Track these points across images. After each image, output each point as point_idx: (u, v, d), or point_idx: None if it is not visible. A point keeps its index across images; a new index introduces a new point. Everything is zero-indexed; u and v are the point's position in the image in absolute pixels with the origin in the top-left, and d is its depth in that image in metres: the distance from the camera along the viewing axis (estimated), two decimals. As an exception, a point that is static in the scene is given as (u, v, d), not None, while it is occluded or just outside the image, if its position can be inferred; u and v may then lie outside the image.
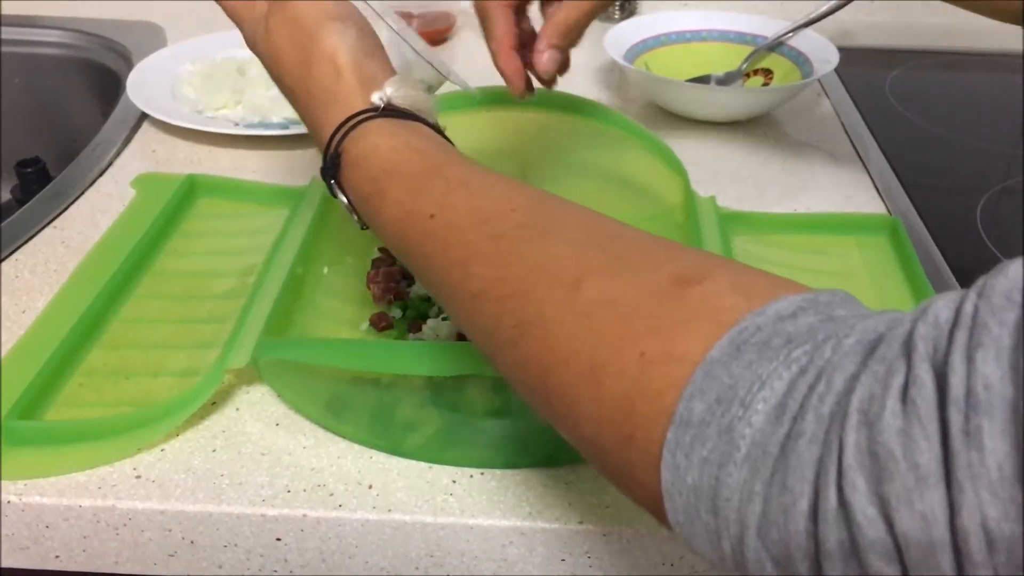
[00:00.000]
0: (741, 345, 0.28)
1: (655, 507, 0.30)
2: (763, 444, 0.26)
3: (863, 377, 0.25)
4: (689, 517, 0.28)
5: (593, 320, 0.32)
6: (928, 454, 0.22)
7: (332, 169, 0.45)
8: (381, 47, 0.48)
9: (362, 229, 0.46)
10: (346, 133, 0.44)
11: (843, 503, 0.24)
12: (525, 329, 0.34)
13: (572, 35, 0.56)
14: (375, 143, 0.43)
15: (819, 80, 0.85)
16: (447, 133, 0.65)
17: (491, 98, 0.66)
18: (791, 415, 0.26)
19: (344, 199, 0.45)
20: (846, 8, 0.84)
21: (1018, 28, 0.56)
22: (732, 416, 0.27)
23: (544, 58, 0.56)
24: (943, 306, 0.24)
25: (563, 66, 0.58)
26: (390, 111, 0.44)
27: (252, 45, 0.50)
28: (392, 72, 0.47)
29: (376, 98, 0.45)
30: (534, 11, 0.60)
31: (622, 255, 0.34)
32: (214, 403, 0.52)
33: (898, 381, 0.24)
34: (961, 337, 0.23)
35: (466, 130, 0.67)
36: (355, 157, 0.44)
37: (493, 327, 0.36)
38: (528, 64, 0.57)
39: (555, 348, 0.33)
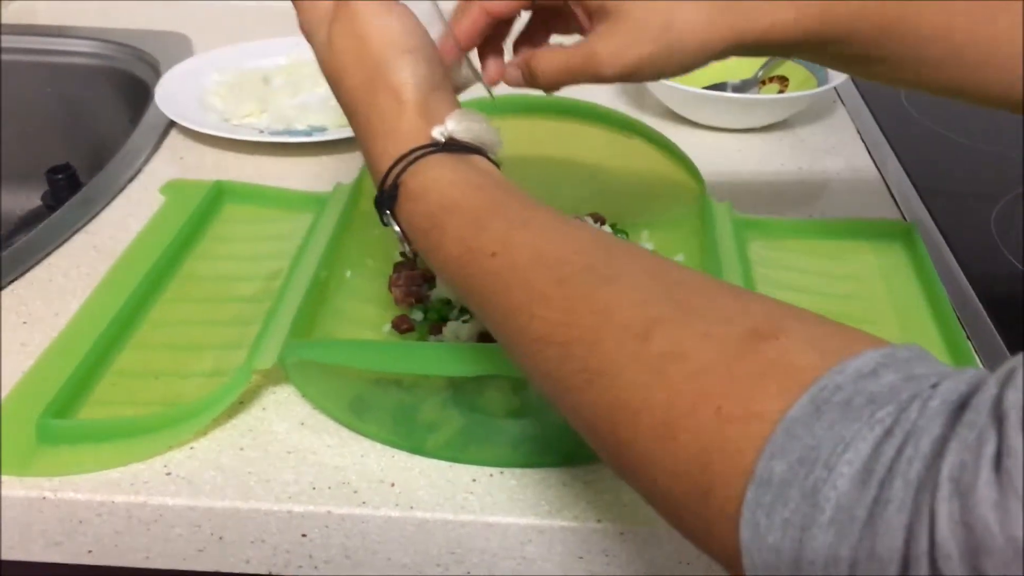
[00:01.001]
0: (822, 405, 0.27)
1: (731, 562, 0.29)
2: (849, 508, 0.26)
3: (952, 444, 0.24)
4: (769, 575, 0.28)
5: (665, 374, 0.31)
6: None
7: (389, 201, 0.44)
8: (447, 79, 0.48)
9: (412, 257, 0.47)
10: (405, 167, 0.44)
11: (936, 573, 0.23)
12: (592, 378, 0.34)
13: (533, 77, 0.52)
14: (435, 178, 0.43)
15: (835, 88, 0.86)
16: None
17: (509, 105, 0.67)
18: (878, 479, 0.25)
19: (397, 229, 0.45)
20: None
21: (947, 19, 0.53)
22: (816, 478, 0.26)
23: (511, 71, 0.53)
24: None
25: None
26: (451, 145, 0.44)
27: (314, 48, 0.49)
28: (455, 104, 0.47)
29: (437, 133, 0.44)
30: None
31: (691, 304, 0.34)
32: (241, 403, 0.53)
33: (990, 450, 0.23)
34: None
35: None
36: (413, 191, 0.43)
37: (557, 373, 0.36)
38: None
39: (626, 400, 0.32)
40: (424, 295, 0.61)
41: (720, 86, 0.88)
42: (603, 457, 0.36)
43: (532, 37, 0.55)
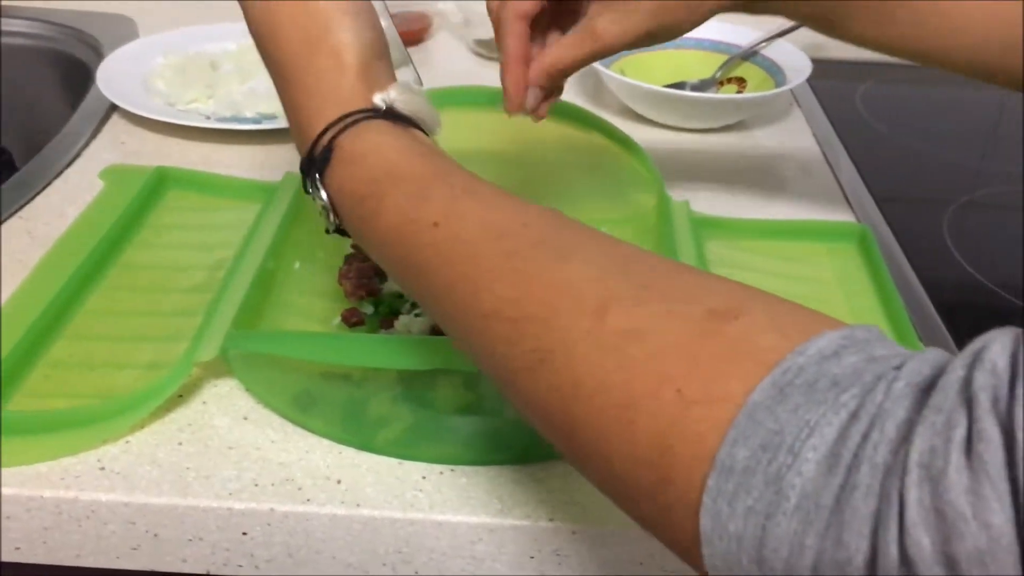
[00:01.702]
0: (785, 387, 0.27)
1: (689, 551, 0.28)
2: (815, 495, 0.25)
3: (920, 428, 0.24)
4: (728, 565, 0.27)
5: (623, 353, 0.30)
6: (1001, 515, 0.22)
7: (320, 163, 0.42)
8: (388, 50, 0.46)
9: (332, 232, 0.44)
10: (343, 128, 0.41)
11: (906, 561, 0.23)
12: (545, 356, 0.32)
13: (556, 79, 0.54)
14: (376, 143, 0.41)
15: (791, 90, 0.86)
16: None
17: (466, 97, 0.66)
18: (844, 465, 0.25)
19: (324, 196, 0.42)
20: (819, 19, 0.85)
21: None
22: (780, 464, 0.26)
23: (528, 95, 0.54)
24: (999, 352, 0.24)
25: (552, 94, 0.56)
26: (392, 114, 0.43)
27: (245, 7, 0.47)
28: (395, 77, 0.45)
29: (379, 99, 0.43)
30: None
31: (647, 282, 0.33)
32: (181, 396, 0.51)
33: (960, 434, 0.23)
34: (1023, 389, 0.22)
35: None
36: (351, 154, 0.41)
37: (508, 351, 0.34)
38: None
39: (581, 379, 0.31)
40: (375, 288, 0.59)
41: (679, 85, 0.88)
42: (554, 441, 0.34)
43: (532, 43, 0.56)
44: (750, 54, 0.89)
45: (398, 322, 0.56)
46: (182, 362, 0.49)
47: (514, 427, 0.50)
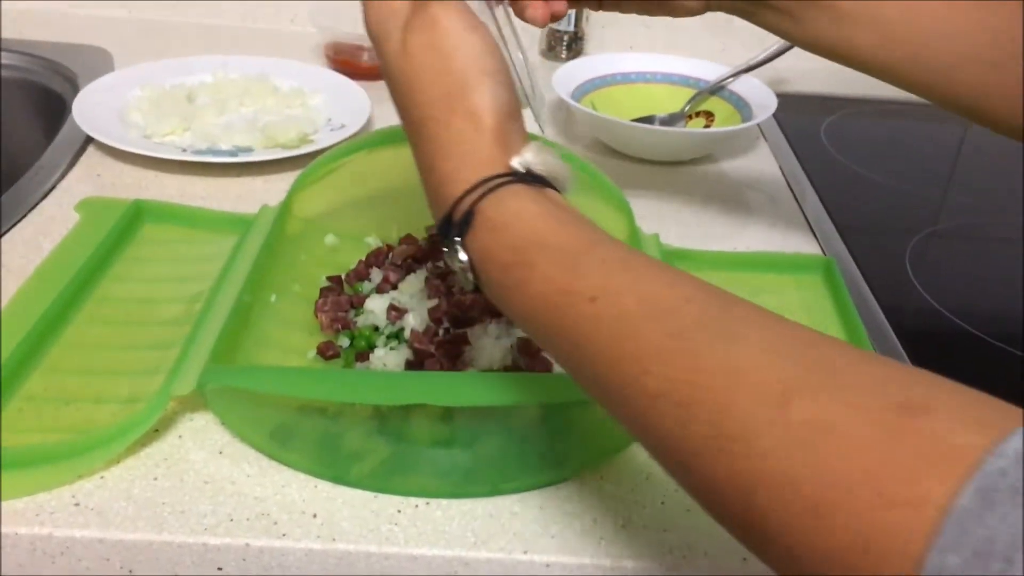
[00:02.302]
0: (990, 493, 0.26)
1: None
2: None
3: None
4: None
5: (812, 447, 0.29)
6: None
7: (462, 228, 0.41)
8: (520, 110, 0.45)
9: (471, 290, 0.43)
10: (484, 194, 0.40)
11: None
12: (724, 444, 0.31)
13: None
14: (519, 208, 0.40)
15: (758, 124, 0.88)
16: (388, 167, 0.66)
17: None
18: None
19: (464, 259, 0.41)
20: (783, 56, 0.87)
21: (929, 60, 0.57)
22: (996, 571, 0.25)
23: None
24: None
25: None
26: (530, 177, 0.42)
27: (382, 52, 0.45)
28: (527, 135, 0.45)
29: (516, 163, 0.42)
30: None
31: (826, 369, 0.32)
32: (156, 430, 0.51)
33: None
34: None
35: (414, 162, 0.69)
36: (494, 221, 0.40)
37: (679, 434, 0.33)
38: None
39: (765, 472, 0.30)
40: (350, 321, 0.60)
41: (648, 119, 0.90)
42: (728, 526, 0.33)
43: None
44: (717, 88, 0.91)
45: (373, 355, 0.57)
46: (158, 396, 0.50)
47: (488, 460, 0.51)
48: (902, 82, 0.58)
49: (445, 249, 0.42)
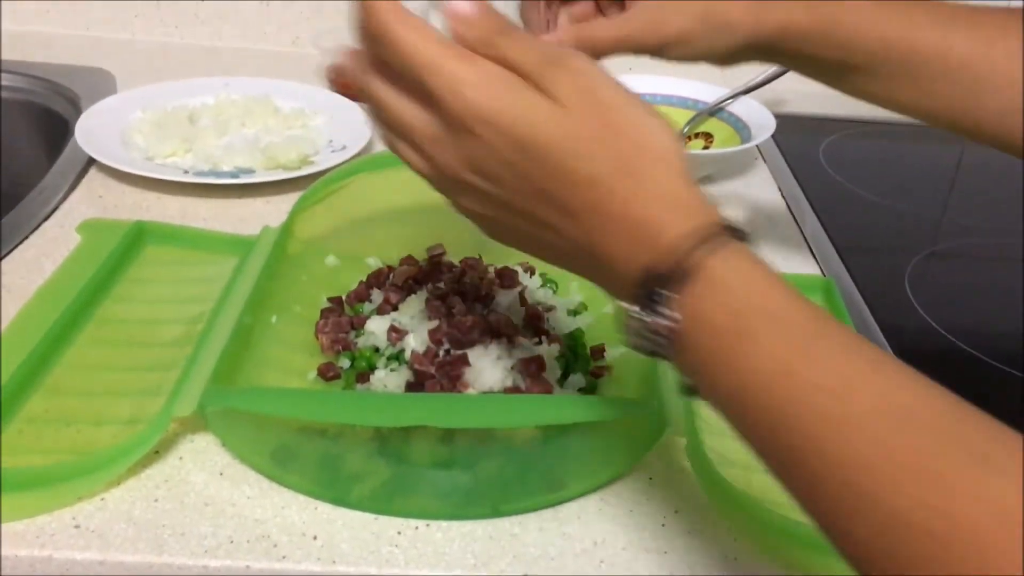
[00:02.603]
0: None
1: None
2: None
3: None
4: None
5: None
6: None
7: (678, 279, 0.36)
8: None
9: (648, 352, 0.38)
10: (704, 244, 0.36)
11: None
12: None
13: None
14: (744, 268, 0.36)
15: (757, 146, 0.89)
16: (389, 188, 0.66)
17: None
18: None
19: (670, 316, 0.36)
20: (781, 77, 0.88)
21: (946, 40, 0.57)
22: None
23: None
24: None
25: None
26: (739, 232, 0.37)
27: (510, 124, 0.38)
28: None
29: (733, 218, 0.38)
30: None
31: None
32: (157, 452, 0.51)
33: None
34: None
35: (414, 184, 0.69)
36: (719, 278, 0.35)
37: (925, 567, 0.29)
38: None
39: None
40: (351, 342, 0.60)
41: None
42: None
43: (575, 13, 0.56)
44: (716, 110, 0.92)
45: (374, 376, 0.57)
46: (159, 418, 0.50)
47: (489, 482, 0.51)
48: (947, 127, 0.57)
49: (633, 307, 0.37)
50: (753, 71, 0.89)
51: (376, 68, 0.41)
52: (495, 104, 0.38)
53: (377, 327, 0.60)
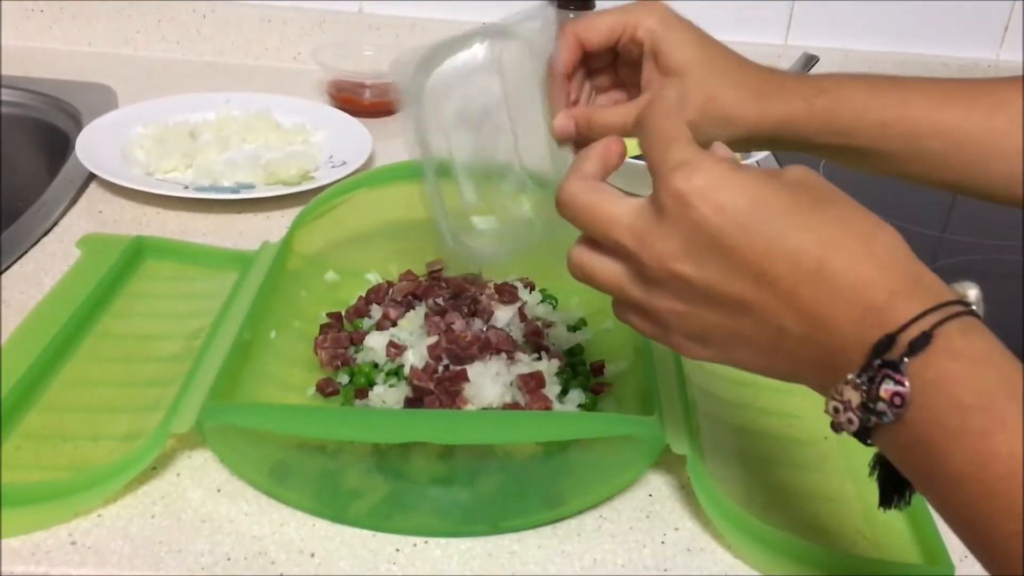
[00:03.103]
0: None
1: None
2: None
3: None
4: None
5: None
6: None
7: (912, 348, 0.34)
8: None
9: (843, 430, 0.36)
10: (949, 316, 0.34)
11: None
12: None
13: (592, 131, 0.52)
14: (989, 347, 0.34)
15: (757, 162, 0.89)
16: (388, 204, 0.66)
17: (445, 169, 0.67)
18: None
19: (900, 386, 0.34)
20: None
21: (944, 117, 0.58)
22: None
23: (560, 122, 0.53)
24: None
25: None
26: (974, 311, 0.36)
27: (729, 221, 0.37)
28: None
29: (973, 295, 0.37)
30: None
31: None
32: (154, 468, 0.51)
33: None
34: None
35: (414, 199, 0.69)
36: (962, 352, 0.34)
37: None
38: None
39: None
40: (350, 358, 0.60)
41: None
42: None
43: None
44: (717, 127, 0.92)
45: (373, 392, 0.57)
46: (157, 434, 0.49)
47: (487, 499, 0.51)
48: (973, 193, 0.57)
49: (862, 375, 0.35)
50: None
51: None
52: (716, 175, 0.38)
53: (376, 343, 0.60)
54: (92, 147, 0.83)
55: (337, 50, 1.06)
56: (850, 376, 0.35)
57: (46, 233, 0.74)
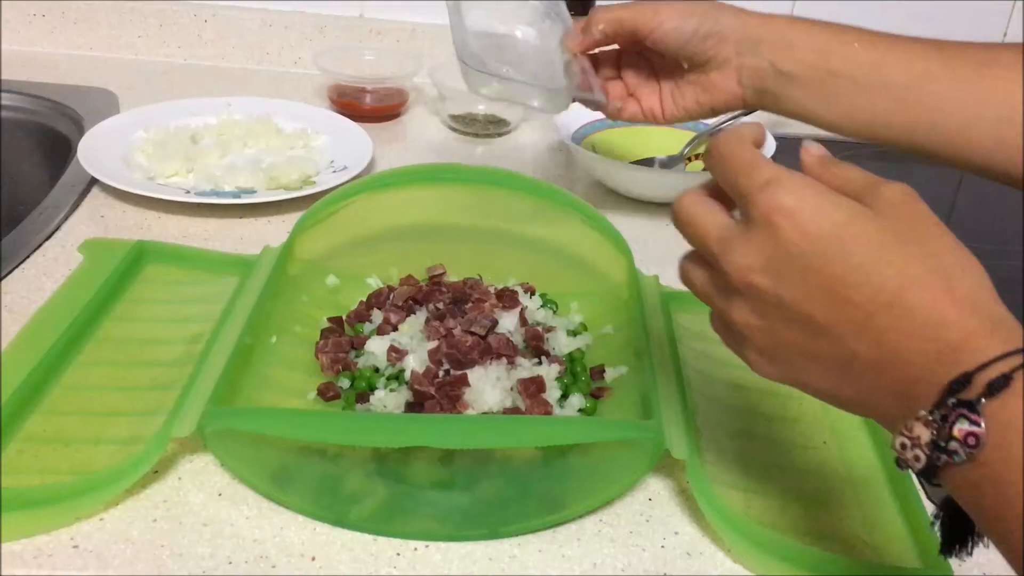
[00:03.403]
0: None
1: None
2: None
3: None
4: None
5: None
6: None
7: (991, 389, 0.34)
8: None
9: (908, 467, 0.36)
10: (1017, 355, 0.34)
11: None
12: None
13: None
14: None
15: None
16: (389, 209, 0.68)
17: (446, 174, 0.68)
18: None
19: (976, 426, 0.34)
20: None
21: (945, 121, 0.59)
22: None
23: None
24: None
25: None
26: None
27: (830, 247, 0.37)
28: None
29: None
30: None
31: None
32: (156, 472, 0.51)
33: None
34: None
35: (415, 204, 0.69)
36: None
37: None
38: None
39: None
40: (351, 362, 0.60)
41: (648, 161, 0.90)
42: None
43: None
44: (717, 131, 0.92)
45: (374, 396, 0.57)
46: (158, 438, 0.50)
47: (488, 503, 0.51)
48: (922, 150, 0.61)
49: (935, 412, 0.35)
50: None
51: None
52: (805, 197, 0.38)
53: (377, 347, 0.60)
54: (94, 152, 0.83)
55: (338, 55, 1.06)
56: (922, 413, 0.35)
57: (48, 238, 0.74)
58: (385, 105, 1.03)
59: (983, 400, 0.34)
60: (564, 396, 0.58)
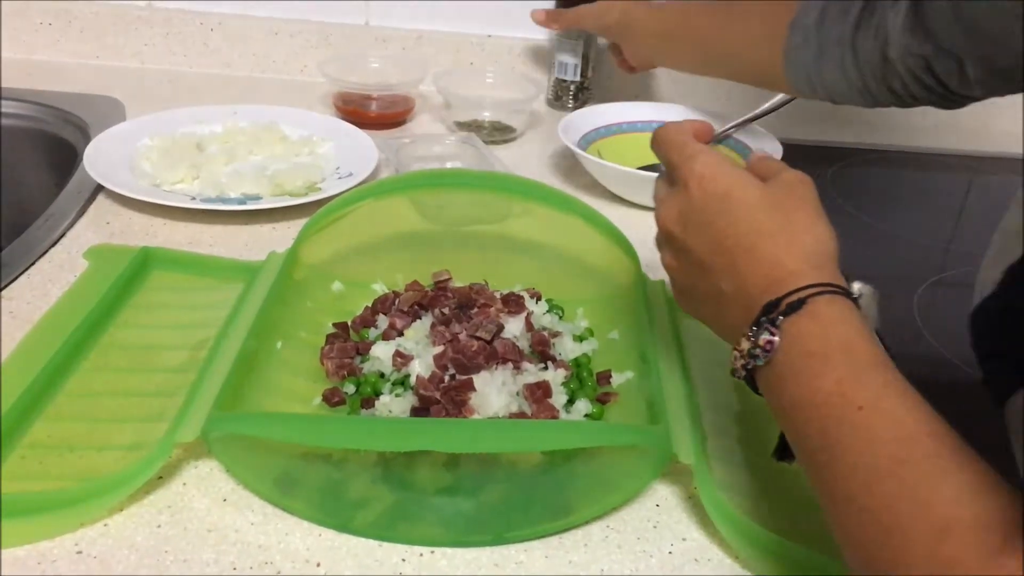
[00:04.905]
0: None
1: None
2: None
3: None
4: None
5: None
6: None
7: (791, 309, 0.44)
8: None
9: (739, 374, 0.46)
10: (823, 292, 0.44)
11: None
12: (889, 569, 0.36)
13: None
14: (844, 315, 0.43)
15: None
16: (394, 214, 0.68)
17: (450, 179, 0.67)
18: None
19: (773, 337, 0.44)
20: (787, 105, 0.88)
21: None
22: None
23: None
24: None
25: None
26: (855, 299, 0.45)
27: (736, 203, 0.48)
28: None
29: (856, 287, 0.46)
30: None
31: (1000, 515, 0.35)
32: (160, 478, 0.51)
33: None
34: None
35: (424, 208, 0.69)
36: (822, 315, 0.43)
37: (868, 549, 0.37)
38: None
39: None
40: (356, 368, 0.60)
41: (654, 166, 0.90)
42: None
43: None
44: (722, 138, 0.92)
45: (379, 402, 0.56)
46: (162, 444, 0.49)
47: (493, 509, 0.51)
48: (704, 71, 0.88)
49: (753, 328, 0.45)
50: (759, 98, 0.89)
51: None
52: (713, 167, 0.49)
53: (382, 352, 0.59)
54: (100, 159, 0.83)
55: (344, 63, 1.06)
56: (745, 330, 0.45)
57: (54, 244, 0.74)
58: (391, 112, 1.04)
59: (781, 317, 0.44)
60: (570, 401, 0.58)
